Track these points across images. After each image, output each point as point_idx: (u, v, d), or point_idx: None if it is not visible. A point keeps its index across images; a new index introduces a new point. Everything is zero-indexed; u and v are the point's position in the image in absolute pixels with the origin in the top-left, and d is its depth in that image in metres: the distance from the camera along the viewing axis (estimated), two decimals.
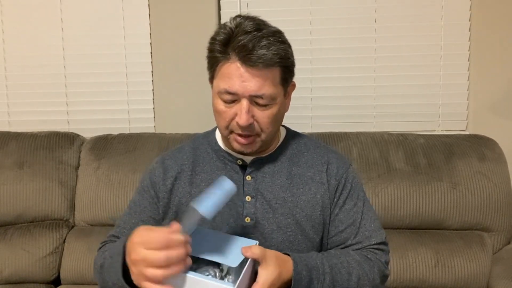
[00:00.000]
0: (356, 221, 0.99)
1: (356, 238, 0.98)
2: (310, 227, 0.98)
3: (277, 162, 1.01)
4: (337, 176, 1.01)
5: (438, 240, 1.49)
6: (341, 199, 1.00)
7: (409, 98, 1.79)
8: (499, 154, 1.55)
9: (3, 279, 1.52)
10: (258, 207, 0.97)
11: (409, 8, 1.76)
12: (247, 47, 0.85)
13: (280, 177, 0.99)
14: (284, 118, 1.03)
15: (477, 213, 1.49)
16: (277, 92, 0.91)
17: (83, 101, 1.88)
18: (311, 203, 0.98)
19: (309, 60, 1.81)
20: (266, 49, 0.86)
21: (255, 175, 0.99)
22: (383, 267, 0.97)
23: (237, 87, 0.87)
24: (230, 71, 0.88)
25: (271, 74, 0.89)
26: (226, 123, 0.93)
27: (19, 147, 1.63)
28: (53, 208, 1.59)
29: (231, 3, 1.81)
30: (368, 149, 1.57)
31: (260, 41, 0.86)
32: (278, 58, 0.88)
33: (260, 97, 0.89)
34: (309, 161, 1.02)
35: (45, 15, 1.85)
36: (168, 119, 1.86)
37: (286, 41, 0.93)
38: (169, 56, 1.83)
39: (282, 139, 1.05)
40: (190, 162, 1.02)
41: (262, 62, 0.86)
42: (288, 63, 0.92)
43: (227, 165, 1.01)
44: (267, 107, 0.91)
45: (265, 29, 0.89)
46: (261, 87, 0.88)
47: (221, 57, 0.89)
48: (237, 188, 0.94)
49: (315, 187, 0.99)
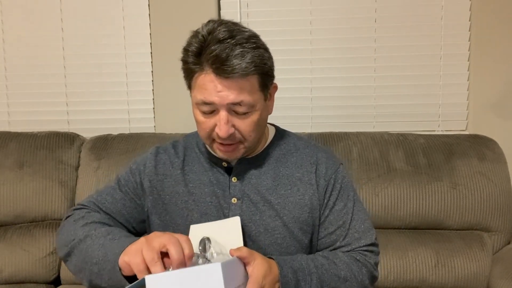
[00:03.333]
0: (346, 222, 0.97)
1: (345, 239, 0.97)
2: (298, 229, 0.96)
3: (264, 163, 0.99)
4: (326, 176, 0.99)
5: (438, 240, 1.49)
6: (331, 200, 0.98)
7: (409, 98, 1.79)
8: (499, 154, 1.55)
9: (3, 279, 1.52)
10: (245, 209, 0.95)
11: (409, 8, 1.76)
12: (221, 57, 0.82)
13: (266, 179, 0.98)
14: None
15: (477, 213, 1.49)
16: (256, 99, 0.88)
17: (83, 101, 1.88)
18: (299, 205, 0.96)
19: (309, 60, 1.81)
20: (240, 58, 0.83)
21: (241, 176, 0.98)
22: (372, 268, 0.96)
23: (213, 98, 0.85)
24: (205, 83, 0.85)
25: (248, 83, 0.86)
26: (206, 133, 0.91)
27: (19, 147, 1.63)
28: (53, 208, 1.59)
29: (231, 3, 1.81)
30: (368, 149, 1.57)
31: (233, 50, 0.82)
32: (253, 66, 0.84)
33: (238, 105, 0.86)
34: (298, 161, 1.00)
35: (45, 15, 1.85)
36: (168, 119, 1.86)
37: (261, 45, 0.88)
38: (169, 56, 1.83)
39: (270, 140, 1.03)
40: (181, 160, 1.02)
41: (237, 72, 0.83)
42: (265, 69, 0.88)
43: (213, 167, 1.00)
44: (247, 115, 0.88)
45: (239, 35, 0.84)
46: (238, 96, 0.85)
47: (196, 68, 0.86)
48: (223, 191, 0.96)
49: (303, 188, 0.98)
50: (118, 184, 1.02)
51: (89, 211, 0.97)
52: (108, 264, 0.81)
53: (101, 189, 1.04)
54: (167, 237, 0.75)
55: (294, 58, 1.79)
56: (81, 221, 0.93)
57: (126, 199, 1.00)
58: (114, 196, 1.00)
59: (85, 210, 0.98)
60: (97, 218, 0.94)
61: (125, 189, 1.01)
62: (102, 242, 0.85)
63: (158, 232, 0.78)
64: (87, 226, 0.91)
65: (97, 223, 0.93)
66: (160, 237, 0.75)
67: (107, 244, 0.84)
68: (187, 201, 0.98)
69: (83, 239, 0.88)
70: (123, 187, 1.02)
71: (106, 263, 0.81)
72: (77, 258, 0.88)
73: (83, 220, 0.93)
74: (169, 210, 0.99)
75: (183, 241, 0.75)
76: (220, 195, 0.97)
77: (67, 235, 0.92)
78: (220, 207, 0.96)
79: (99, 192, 1.03)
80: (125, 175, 1.03)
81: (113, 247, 0.82)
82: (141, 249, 0.75)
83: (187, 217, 0.97)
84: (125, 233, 0.90)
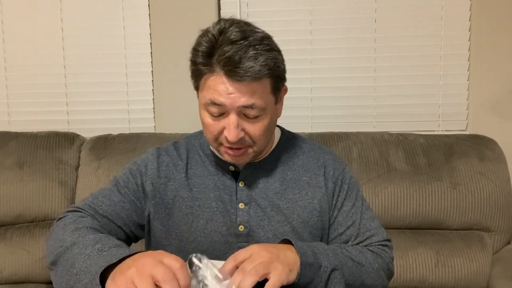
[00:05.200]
0: (356, 222, 0.97)
1: (357, 239, 0.96)
2: (308, 233, 0.95)
3: (271, 166, 0.98)
4: (333, 178, 0.98)
5: (438, 240, 1.49)
6: (339, 201, 0.98)
7: (409, 98, 1.79)
8: (499, 154, 1.55)
9: (3, 279, 1.52)
10: (252, 215, 0.93)
11: (409, 8, 1.76)
12: (233, 59, 0.79)
13: (274, 183, 0.96)
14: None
15: (477, 213, 1.49)
16: (267, 102, 0.86)
17: (83, 101, 1.88)
18: (308, 209, 0.95)
19: (309, 60, 1.81)
20: (253, 60, 0.79)
21: (248, 181, 0.95)
22: (387, 260, 0.94)
23: (223, 99, 0.82)
24: (215, 84, 0.82)
25: (260, 86, 0.83)
26: (214, 136, 0.88)
27: (19, 147, 1.63)
28: (53, 208, 1.59)
29: (231, 3, 1.81)
30: (368, 149, 1.57)
31: (246, 52, 0.79)
32: (267, 69, 0.81)
33: (250, 107, 0.83)
34: (305, 164, 0.99)
35: (45, 15, 1.85)
36: (168, 119, 1.86)
37: (275, 48, 0.86)
38: (169, 56, 1.83)
39: (277, 142, 1.01)
40: (184, 163, 0.98)
41: (250, 75, 0.80)
42: (278, 72, 0.86)
43: (219, 171, 0.97)
44: (258, 118, 0.86)
45: (252, 36, 0.81)
46: (250, 98, 0.82)
47: (205, 70, 0.83)
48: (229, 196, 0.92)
49: (312, 192, 0.96)
50: (116, 186, 0.96)
51: (82, 215, 0.90)
52: (87, 276, 0.71)
53: (96, 193, 0.96)
54: (162, 271, 0.65)
55: (294, 58, 1.79)
56: (71, 225, 0.85)
57: (125, 201, 0.94)
58: (112, 198, 0.94)
59: (79, 213, 0.90)
60: (88, 223, 0.87)
61: (124, 191, 0.95)
62: (89, 253, 0.75)
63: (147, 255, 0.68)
64: (76, 232, 0.82)
65: (88, 228, 0.85)
66: (153, 268, 0.65)
67: (93, 256, 0.74)
68: (192, 206, 0.94)
69: (70, 246, 0.79)
70: (122, 188, 0.96)
71: (85, 274, 0.72)
72: (63, 267, 0.78)
73: (73, 225, 0.85)
74: (173, 215, 0.95)
75: (177, 271, 0.66)
76: (227, 200, 0.94)
77: (55, 240, 0.84)
78: (227, 212, 0.94)
79: (95, 195, 0.95)
80: (124, 176, 0.98)
81: (99, 260, 0.73)
82: (132, 280, 0.65)
83: (192, 223, 0.94)
84: (115, 241, 0.79)
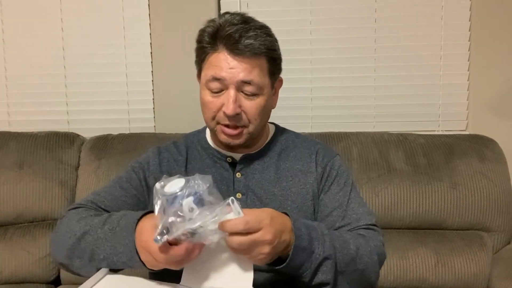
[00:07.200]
0: (343, 204, 0.98)
1: (343, 220, 0.96)
2: (302, 218, 0.95)
3: (266, 158, 1.02)
4: (323, 163, 1.02)
5: (438, 240, 1.49)
6: (327, 184, 1.00)
7: (409, 98, 1.79)
8: (499, 154, 1.55)
9: (3, 279, 1.52)
10: (249, 204, 0.97)
11: (409, 8, 1.76)
12: (234, 37, 0.88)
13: (269, 173, 1.00)
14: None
15: (477, 213, 1.49)
16: (265, 82, 0.93)
17: (83, 101, 1.88)
18: (301, 194, 0.99)
19: (309, 60, 1.81)
20: (253, 39, 0.89)
21: (245, 172, 1.00)
22: (378, 243, 0.94)
23: (224, 74, 0.89)
24: (217, 60, 0.90)
25: (258, 62, 0.91)
26: (212, 113, 0.93)
27: (19, 147, 1.63)
28: (53, 208, 1.59)
29: (231, 3, 1.81)
30: (368, 149, 1.57)
31: (247, 32, 0.89)
32: (264, 48, 0.90)
33: (248, 83, 0.90)
34: (298, 155, 1.04)
35: (45, 15, 1.85)
36: (168, 119, 1.86)
37: (273, 35, 0.95)
38: (169, 56, 1.83)
39: (271, 136, 1.07)
40: (184, 158, 1.03)
41: (249, 50, 0.88)
42: (274, 55, 0.94)
43: (216, 163, 1.01)
44: (255, 97, 0.92)
45: (252, 22, 0.92)
46: (248, 74, 0.89)
47: (209, 48, 0.91)
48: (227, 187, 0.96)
49: (304, 178, 1.00)
50: (118, 182, 1.00)
51: (85, 209, 0.92)
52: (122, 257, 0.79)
53: (97, 190, 1.00)
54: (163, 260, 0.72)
55: (294, 58, 1.79)
56: (75, 217, 0.89)
57: (127, 196, 0.97)
58: (114, 193, 0.97)
59: (81, 208, 0.93)
60: (92, 213, 0.90)
61: (126, 186, 0.98)
62: (103, 236, 0.81)
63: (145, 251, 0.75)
64: (83, 221, 0.87)
65: (92, 216, 0.88)
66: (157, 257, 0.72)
67: (109, 237, 0.81)
68: None
69: (81, 236, 0.83)
70: (124, 183, 0.99)
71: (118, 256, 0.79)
72: (80, 259, 0.84)
73: (77, 215, 0.89)
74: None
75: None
76: (225, 190, 0.98)
77: (63, 235, 0.87)
78: None
79: (96, 192, 0.98)
80: (126, 173, 1.02)
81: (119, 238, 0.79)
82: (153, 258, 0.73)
83: None
84: (117, 215, 0.85)
